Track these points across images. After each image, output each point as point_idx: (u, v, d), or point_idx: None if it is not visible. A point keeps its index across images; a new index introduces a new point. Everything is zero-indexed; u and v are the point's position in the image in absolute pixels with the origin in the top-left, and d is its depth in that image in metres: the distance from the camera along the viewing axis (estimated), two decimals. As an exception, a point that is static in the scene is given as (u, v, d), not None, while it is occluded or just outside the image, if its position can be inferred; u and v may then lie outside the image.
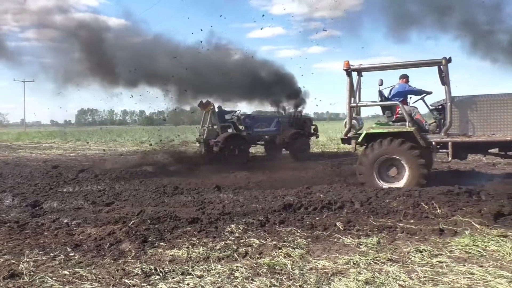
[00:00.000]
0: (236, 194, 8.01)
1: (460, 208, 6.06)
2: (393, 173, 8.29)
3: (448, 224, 5.48)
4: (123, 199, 7.98)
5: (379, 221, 5.75)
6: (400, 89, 8.97)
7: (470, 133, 8.06)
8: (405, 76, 9.08)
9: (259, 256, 4.51)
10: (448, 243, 4.70)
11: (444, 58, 8.02)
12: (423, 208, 6.17)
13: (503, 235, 4.86)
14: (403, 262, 4.18)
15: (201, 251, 4.65)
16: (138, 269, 4.14)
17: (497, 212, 5.80)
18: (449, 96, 8.01)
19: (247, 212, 6.44)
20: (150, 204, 7.43)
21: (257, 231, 5.45)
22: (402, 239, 5.02)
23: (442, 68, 8.10)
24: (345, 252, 4.57)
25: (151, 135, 33.32)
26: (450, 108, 7.98)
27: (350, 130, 8.81)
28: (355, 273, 3.87)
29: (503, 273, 3.76)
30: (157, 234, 5.38)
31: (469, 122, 8.09)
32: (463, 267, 3.96)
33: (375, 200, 6.72)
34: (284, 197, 7.38)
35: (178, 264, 4.32)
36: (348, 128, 8.80)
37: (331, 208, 6.50)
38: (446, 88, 8.02)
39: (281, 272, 4.02)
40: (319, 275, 3.90)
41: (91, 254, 4.71)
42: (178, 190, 8.63)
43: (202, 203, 7.23)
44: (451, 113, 7.99)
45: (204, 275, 3.98)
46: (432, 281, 3.68)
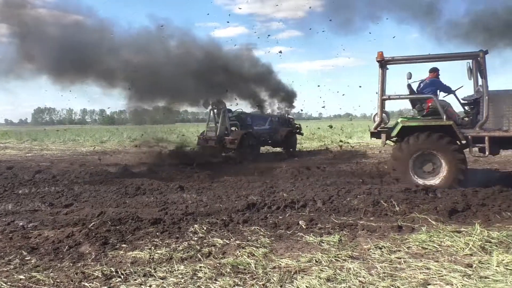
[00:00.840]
0: (199, 194, 7.96)
1: (417, 206, 6.27)
2: (429, 168, 8.02)
3: (406, 221, 5.67)
4: (83, 200, 7.75)
5: (341, 219, 5.87)
6: (431, 83, 8.70)
7: (505, 128, 7.91)
8: (435, 70, 8.82)
9: (222, 256, 4.50)
10: (406, 240, 4.86)
11: (481, 51, 7.88)
12: (382, 206, 6.35)
13: (457, 231, 5.07)
14: (363, 259, 4.29)
15: (164, 252, 4.60)
16: (99, 271, 4.05)
17: (451, 208, 6.06)
18: (486, 90, 7.80)
19: (210, 212, 6.42)
20: (111, 205, 7.26)
21: (221, 231, 5.45)
22: (363, 236, 5.15)
23: (480, 61, 7.92)
24: (308, 250, 4.63)
25: (112, 135, 32.62)
26: (487, 102, 7.77)
27: (380, 124, 8.49)
28: (317, 271, 3.94)
29: (457, 267, 3.93)
30: (118, 235, 5.27)
31: (504, 116, 7.96)
32: (420, 263, 4.10)
33: (336, 199, 6.86)
34: (248, 196, 7.41)
35: (140, 265, 4.25)
36: (379, 121, 8.47)
37: (294, 207, 6.59)
38: (483, 81, 7.84)
39: (244, 272, 4.03)
40: (282, 273, 3.93)
41: (48, 257, 4.57)
42: (140, 190, 8.48)
43: (165, 204, 7.14)
44: (488, 107, 7.79)
45: (167, 276, 3.94)
46: (391, 276, 3.79)
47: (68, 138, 32.53)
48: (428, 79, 8.80)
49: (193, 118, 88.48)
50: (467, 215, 5.98)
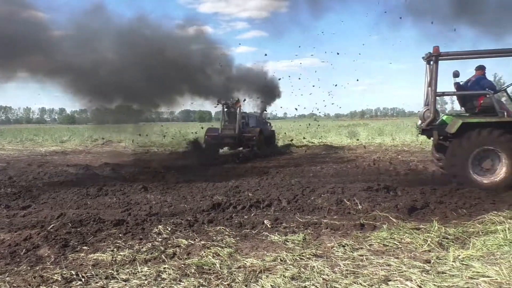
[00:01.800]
0: (164, 194, 7.86)
1: (379, 204, 6.43)
2: (487, 165, 7.88)
3: (368, 219, 5.80)
4: (41, 202, 7.49)
5: (305, 218, 5.94)
6: (478, 81, 8.56)
7: None
8: (482, 68, 8.67)
9: (187, 257, 4.46)
10: (368, 237, 4.97)
11: None
12: (345, 205, 6.47)
13: (416, 228, 5.23)
14: (327, 257, 4.35)
15: (127, 253, 4.51)
16: (58, 275, 3.93)
17: (411, 206, 6.26)
18: None
19: (175, 212, 6.35)
20: (71, 206, 7.05)
21: (186, 232, 5.40)
22: (326, 234, 5.23)
23: None
24: (273, 249, 4.66)
25: (73, 134, 31.72)
26: None
27: (434, 121, 8.34)
28: (282, 270, 3.96)
29: (416, 263, 4.05)
30: (79, 237, 5.13)
31: None
32: (381, 259, 4.21)
33: (301, 198, 6.94)
34: (213, 196, 7.38)
35: (102, 268, 4.15)
36: (432, 118, 8.26)
37: (259, 206, 6.61)
38: None
39: (209, 272, 4.01)
40: (247, 273, 3.94)
41: (4, 261, 4.39)
42: (102, 191, 8.28)
43: (128, 204, 7.01)
44: None
45: (130, 278, 3.86)
46: (353, 274, 3.87)
47: (26, 138, 31.33)
48: (474, 77, 8.71)
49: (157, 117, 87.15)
50: (426, 212, 6.18)
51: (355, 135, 26.61)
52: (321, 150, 19.00)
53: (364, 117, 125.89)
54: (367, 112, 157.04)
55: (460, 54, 8.47)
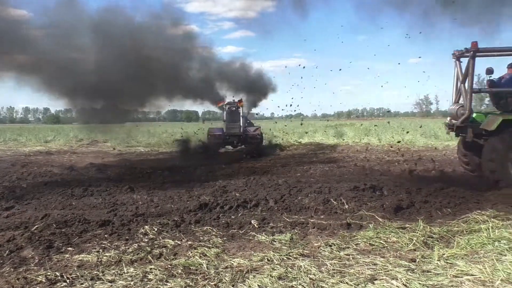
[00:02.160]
0: (150, 194, 7.80)
1: (365, 203, 6.48)
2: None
3: (354, 218, 5.84)
4: (25, 202, 7.37)
5: (292, 218, 5.95)
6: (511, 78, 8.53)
7: None
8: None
9: (174, 257, 4.44)
10: (355, 237, 5.00)
11: None
12: (332, 204, 6.50)
13: (402, 227, 5.28)
14: (314, 257, 4.37)
15: (113, 254, 4.47)
16: (42, 276, 3.87)
17: (396, 206, 6.32)
18: None
19: (161, 212, 6.31)
20: (56, 207, 6.96)
21: (172, 232, 5.37)
22: (313, 234, 5.25)
23: None
24: (260, 249, 4.66)
25: (57, 134, 31.32)
26: None
27: (469, 118, 8.22)
28: (269, 269, 3.97)
29: (401, 262, 4.09)
30: (64, 238, 5.07)
31: None
32: (367, 259, 4.24)
33: (288, 198, 6.95)
34: (200, 196, 7.35)
35: (87, 269, 4.10)
36: (467, 115, 8.15)
37: (247, 206, 6.61)
38: None
39: (196, 272, 3.99)
40: (234, 273, 3.93)
41: (-13, 263, 4.31)
42: (88, 192, 8.18)
43: (114, 205, 6.94)
44: None
45: (116, 279, 3.83)
46: (340, 273, 3.89)
47: (9, 138, 30.82)
48: (508, 75, 8.66)
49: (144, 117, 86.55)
50: (411, 212, 6.24)
51: (341, 135, 26.77)
52: (308, 150, 19.08)
53: (351, 117, 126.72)
54: (354, 112, 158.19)
55: (498, 50, 8.38)
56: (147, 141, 25.10)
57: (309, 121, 59.81)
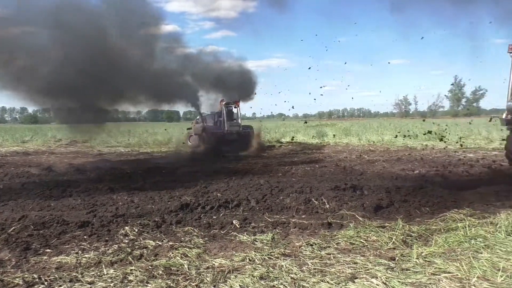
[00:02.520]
0: (130, 195, 7.72)
1: (346, 203, 6.54)
2: None
3: (335, 218, 5.89)
4: (2, 204, 7.20)
5: (274, 218, 5.97)
6: None
7: None
8: None
9: (154, 258, 4.40)
10: (335, 236, 5.04)
11: None
12: (313, 204, 6.54)
13: (382, 226, 5.35)
14: (295, 256, 4.39)
15: (92, 256, 4.41)
16: (19, 279, 3.79)
17: (376, 205, 6.40)
18: None
19: (142, 213, 6.25)
20: (33, 208, 6.82)
21: (153, 233, 5.32)
22: (295, 234, 5.27)
23: None
24: (241, 249, 4.66)
25: (35, 134, 30.69)
26: None
27: None
28: (251, 269, 3.97)
29: (381, 261, 4.14)
30: (42, 240, 4.97)
31: None
32: (348, 258, 4.28)
33: (270, 198, 6.96)
34: (181, 197, 7.32)
35: (66, 271, 4.03)
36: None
37: (228, 206, 6.60)
38: None
39: (177, 273, 3.97)
40: (215, 273, 3.92)
41: (-39, 266, 4.19)
42: (66, 192, 8.06)
43: (93, 206, 6.84)
44: None
45: (95, 281, 3.77)
46: (321, 272, 3.91)
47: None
48: None
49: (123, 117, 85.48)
50: (391, 211, 6.33)
51: (323, 135, 26.97)
52: (290, 150, 19.16)
53: (332, 118, 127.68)
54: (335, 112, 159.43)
55: None
56: (127, 141, 24.83)
57: (290, 121, 60.04)
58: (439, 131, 21.01)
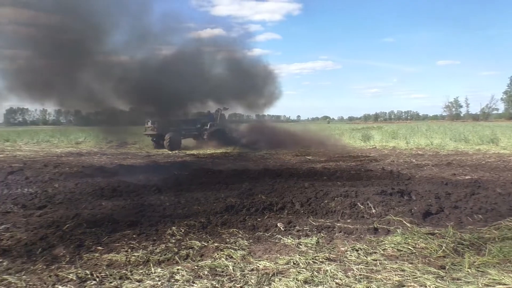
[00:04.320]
0: (177, 196, 7.90)
1: (393, 208, 6.38)
2: None
3: (382, 223, 5.76)
4: (57, 202, 7.60)
5: (318, 221, 5.92)
6: None
7: None
8: None
9: (200, 258, 4.48)
10: (382, 242, 4.93)
11: None
12: (359, 208, 6.43)
13: (431, 233, 5.17)
14: (340, 261, 4.33)
15: (141, 254, 4.55)
16: (73, 274, 3.98)
17: (425, 211, 6.19)
18: None
19: (188, 214, 6.38)
20: (86, 207, 7.13)
21: (199, 233, 5.42)
22: (340, 238, 5.20)
23: None
24: (286, 253, 4.66)
25: (88, 136, 32.06)
26: None
27: None
28: (295, 273, 3.96)
29: (430, 269, 4.01)
30: (94, 238, 5.19)
31: None
32: (395, 265, 4.17)
33: (314, 201, 6.91)
34: (226, 198, 7.40)
35: (116, 268, 4.19)
36: None
37: (273, 209, 6.61)
38: None
39: (222, 274, 4.02)
40: (260, 275, 3.94)
41: (21, 260, 4.46)
42: (117, 192, 8.37)
43: (142, 206, 7.06)
44: None
45: (144, 279, 3.90)
46: (366, 278, 3.84)
47: (42, 139, 31.78)
48: None
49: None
50: (441, 217, 6.11)
51: (368, 138, 26.44)
52: (334, 153, 18.92)
53: (378, 120, 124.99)
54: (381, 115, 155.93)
55: None
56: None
57: (335, 123, 59.25)
58: (493, 134, 20.05)
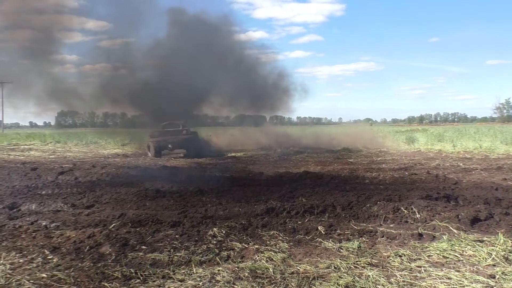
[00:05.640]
0: (219, 197, 8.00)
1: (438, 213, 6.16)
2: None
3: (426, 228, 5.57)
4: (104, 202, 7.89)
5: (360, 226, 5.81)
6: None
7: None
8: None
9: (241, 260, 4.51)
10: (427, 248, 4.78)
11: None
12: (402, 213, 6.26)
13: (479, 240, 4.96)
14: (382, 267, 4.24)
15: (183, 254, 4.64)
16: (118, 272, 4.11)
17: (473, 217, 5.93)
18: None
19: (229, 215, 6.44)
20: (131, 207, 7.36)
21: (240, 235, 5.46)
22: (382, 243, 5.08)
23: None
24: (326, 256, 4.60)
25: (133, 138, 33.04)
26: None
27: None
28: (336, 277, 3.91)
29: (479, 278, 3.85)
30: (138, 237, 5.33)
31: None
32: (440, 272, 4.03)
33: (356, 205, 6.80)
34: (267, 201, 7.41)
35: (159, 267, 4.29)
36: None
37: (313, 212, 6.55)
38: None
39: (262, 276, 4.03)
40: (300, 279, 3.92)
41: (70, 257, 4.65)
42: (160, 193, 8.58)
43: (184, 207, 7.20)
44: None
45: (185, 279, 3.97)
46: (410, 285, 3.74)
47: (90, 141, 33.06)
48: None
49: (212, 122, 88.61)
50: (490, 224, 5.84)
51: (413, 141, 25.70)
52: (377, 156, 18.53)
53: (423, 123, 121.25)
54: (426, 117, 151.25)
55: None
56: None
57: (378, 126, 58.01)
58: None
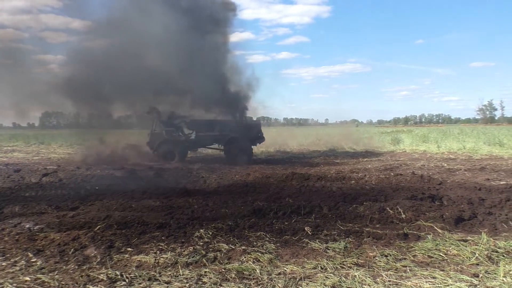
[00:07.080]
0: (205, 199, 7.97)
1: (423, 213, 6.24)
2: None
3: (412, 228, 5.64)
4: (89, 203, 7.80)
5: (347, 226, 5.85)
6: None
7: None
8: None
9: (228, 261, 4.50)
10: (412, 248, 4.83)
11: None
12: (388, 213, 6.32)
13: (463, 240, 5.03)
14: (368, 267, 4.27)
15: (169, 256, 4.61)
16: (103, 275, 4.07)
17: (457, 217, 6.03)
18: None
19: (216, 217, 6.42)
20: (117, 208, 7.29)
21: (226, 236, 5.45)
22: (368, 243, 5.12)
23: None
24: (313, 257, 4.62)
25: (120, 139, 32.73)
26: None
27: None
28: (323, 278, 3.93)
29: (463, 277, 3.90)
30: (124, 239, 5.29)
31: None
32: (425, 271, 4.08)
33: (342, 205, 6.84)
34: (254, 202, 7.41)
35: (145, 269, 4.26)
36: None
37: (300, 213, 6.57)
38: None
39: (249, 277, 4.03)
40: (287, 279, 3.93)
41: (54, 259, 4.59)
42: (146, 194, 8.51)
43: (170, 208, 7.16)
44: None
45: (172, 281, 3.94)
46: (396, 285, 3.77)
47: (75, 142, 32.64)
48: None
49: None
50: (474, 223, 5.94)
51: (398, 142, 25.97)
52: (364, 156, 18.68)
53: (408, 124, 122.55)
54: (411, 118, 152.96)
55: None
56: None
57: (364, 127, 58.51)
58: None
